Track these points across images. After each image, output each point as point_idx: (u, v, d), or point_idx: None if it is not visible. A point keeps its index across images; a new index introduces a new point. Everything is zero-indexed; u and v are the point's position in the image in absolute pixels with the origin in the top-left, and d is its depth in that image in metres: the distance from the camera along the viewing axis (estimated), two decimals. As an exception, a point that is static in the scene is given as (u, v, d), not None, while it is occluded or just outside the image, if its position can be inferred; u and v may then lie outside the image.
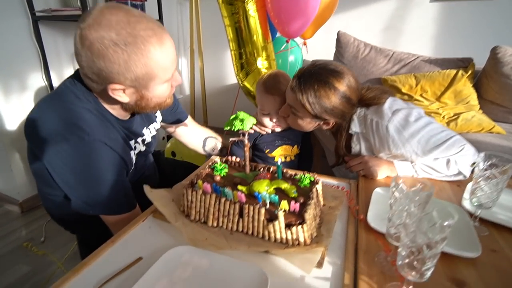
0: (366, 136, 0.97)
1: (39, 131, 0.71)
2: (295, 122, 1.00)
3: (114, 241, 0.67)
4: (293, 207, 0.65)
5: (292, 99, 0.95)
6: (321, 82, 0.89)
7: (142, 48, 0.65)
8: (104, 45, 0.63)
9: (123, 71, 0.66)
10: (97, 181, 0.75)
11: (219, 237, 0.67)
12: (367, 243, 0.66)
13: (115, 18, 0.63)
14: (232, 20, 1.47)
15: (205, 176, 0.80)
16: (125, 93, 0.72)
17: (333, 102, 0.89)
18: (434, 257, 0.45)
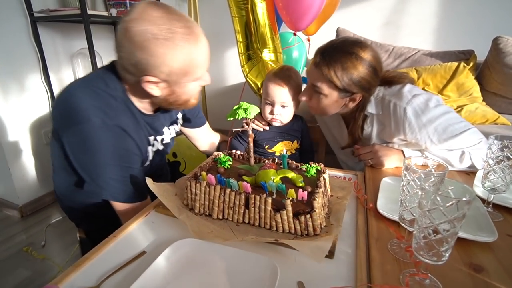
0: (381, 118, 0.94)
1: (63, 110, 0.76)
2: (318, 104, 0.95)
3: (116, 236, 0.65)
4: (301, 196, 0.63)
5: (316, 76, 0.91)
6: (347, 53, 0.86)
7: (180, 44, 0.70)
8: (146, 38, 0.67)
9: (160, 64, 0.70)
10: (112, 165, 0.77)
11: (225, 229, 0.65)
12: (378, 231, 0.64)
13: (157, 14, 0.68)
14: (239, 10, 1.45)
15: (209, 169, 0.78)
16: (157, 87, 0.76)
17: (360, 72, 0.86)
18: (452, 236, 0.43)
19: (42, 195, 1.85)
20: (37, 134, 1.79)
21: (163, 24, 0.68)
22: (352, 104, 0.94)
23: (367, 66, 0.86)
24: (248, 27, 1.48)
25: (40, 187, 1.84)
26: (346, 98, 0.92)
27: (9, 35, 1.58)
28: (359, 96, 0.92)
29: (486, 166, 0.67)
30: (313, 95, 0.95)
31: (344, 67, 0.85)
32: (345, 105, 0.95)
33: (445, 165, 0.52)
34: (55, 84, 1.82)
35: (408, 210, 0.54)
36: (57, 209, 1.84)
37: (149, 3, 0.70)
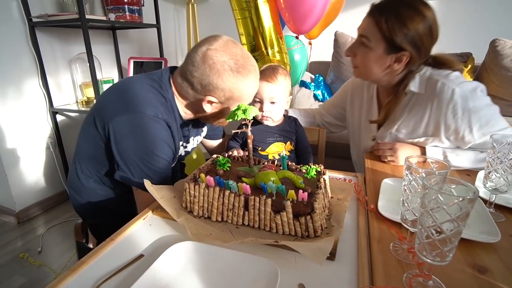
0: (421, 99, 0.90)
1: (121, 98, 0.84)
2: (363, 59, 0.90)
3: (114, 239, 0.64)
4: (301, 197, 0.62)
5: (366, 26, 0.87)
6: (406, 5, 0.82)
7: (245, 77, 0.85)
8: (224, 68, 0.82)
9: (226, 89, 0.84)
10: (151, 156, 0.83)
11: (225, 232, 0.64)
12: (380, 232, 0.63)
13: (235, 50, 0.83)
14: (242, 12, 1.45)
15: (208, 171, 0.77)
16: (211, 106, 0.89)
17: (416, 27, 0.81)
18: (456, 236, 0.42)
19: (39, 201, 1.83)
20: (35, 140, 1.78)
21: (238, 60, 0.83)
22: (397, 65, 0.87)
23: (425, 25, 0.81)
24: (253, 29, 1.48)
25: (37, 193, 1.83)
26: (392, 56, 0.86)
27: (7, 40, 1.58)
28: (406, 56, 0.85)
29: (487, 166, 0.67)
30: (359, 49, 0.91)
31: (398, 16, 0.80)
32: (390, 68, 0.88)
33: (448, 164, 0.51)
34: (53, 89, 1.81)
35: (410, 210, 0.53)
36: (54, 215, 1.82)
37: (230, 39, 0.85)
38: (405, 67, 0.88)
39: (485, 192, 0.71)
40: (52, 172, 1.89)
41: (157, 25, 2.15)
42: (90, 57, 1.57)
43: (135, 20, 1.90)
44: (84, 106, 1.85)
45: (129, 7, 1.84)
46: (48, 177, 1.87)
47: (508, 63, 1.58)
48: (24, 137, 1.72)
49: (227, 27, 2.77)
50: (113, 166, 0.89)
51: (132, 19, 1.88)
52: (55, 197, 1.91)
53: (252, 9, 1.43)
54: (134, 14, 1.88)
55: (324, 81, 2.34)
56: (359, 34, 0.90)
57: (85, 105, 1.86)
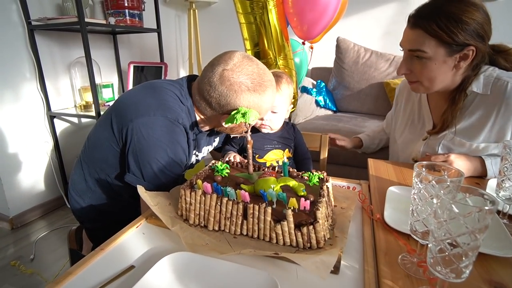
0: (486, 101, 0.82)
1: (141, 100, 0.85)
2: (423, 72, 0.83)
3: (104, 249, 0.60)
4: (303, 205, 0.58)
5: (415, 38, 0.80)
6: (451, 2, 0.76)
7: (263, 94, 0.84)
8: (241, 89, 0.81)
9: (243, 106, 0.83)
10: (166, 159, 0.83)
11: (221, 242, 0.60)
12: (387, 244, 0.59)
13: (251, 69, 0.82)
14: (247, 17, 1.40)
15: (205, 177, 0.74)
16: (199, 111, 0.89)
17: (474, 18, 0.75)
18: (473, 250, 0.39)
19: (34, 206, 1.80)
20: (31, 144, 1.75)
21: (254, 79, 0.82)
22: (464, 63, 0.80)
23: (479, 10, 0.76)
24: (258, 34, 1.44)
25: (33, 198, 1.79)
26: (456, 55, 0.79)
27: (6, 43, 1.56)
28: (472, 50, 0.78)
29: (500, 175, 0.63)
30: (414, 64, 0.84)
31: (450, 15, 0.75)
32: (456, 67, 0.81)
33: (461, 172, 0.48)
34: (52, 93, 1.79)
35: (420, 221, 0.49)
36: (49, 220, 1.78)
37: (244, 56, 0.84)
38: (471, 63, 0.82)
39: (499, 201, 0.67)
40: (48, 177, 1.85)
41: (158, 30, 2.14)
42: (88, 61, 1.55)
43: (136, 24, 1.89)
44: (82, 111, 1.83)
45: (129, 12, 1.83)
46: (44, 182, 1.84)
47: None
48: (21, 141, 1.69)
49: (228, 33, 2.78)
50: (124, 170, 0.87)
51: (133, 24, 1.87)
52: (51, 203, 1.87)
53: (258, 15, 1.38)
54: (134, 18, 1.87)
55: (326, 87, 2.32)
56: (409, 50, 0.84)
57: (84, 110, 1.84)
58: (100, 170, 0.93)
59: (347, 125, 1.86)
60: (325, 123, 1.93)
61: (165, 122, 0.82)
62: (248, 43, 1.47)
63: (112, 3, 1.79)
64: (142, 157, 0.82)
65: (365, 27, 2.31)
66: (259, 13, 1.37)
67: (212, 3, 2.74)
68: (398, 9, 2.20)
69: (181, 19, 2.82)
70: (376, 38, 2.29)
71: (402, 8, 2.18)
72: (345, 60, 2.15)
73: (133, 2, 1.83)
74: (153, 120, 0.81)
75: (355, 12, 2.30)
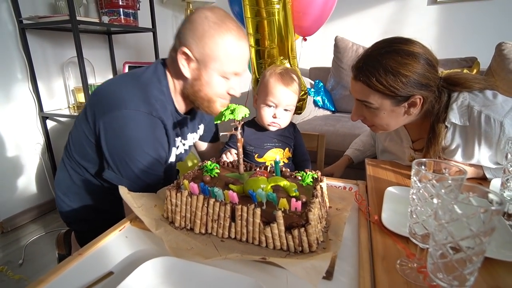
0: (467, 131, 0.80)
1: (115, 92, 0.80)
2: (374, 120, 0.83)
3: (82, 254, 0.56)
4: (294, 206, 0.54)
5: (358, 90, 0.79)
6: (388, 53, 0.73)
7: (222, 31, 0.78)
8: (199, 17, 0.79)
9: (198, 38, 0.79)
10: (142, 155, 0.79)
11: (208, 246, 0.57)
12: (384, 247, 0.55)
13: (219, 11, 0.81)
14: (259, 11, 1.27)
15: (194, 177, 0.70)
16: (189, 66, 0.82)
17: (413, 70, 0.73)
18: (478, 255, 0.35)
19: (26, 209, 1.75)
20: (23, 146, 1.71)
21: (218, 15, 0.79)
22: (414, 109, 0.79)
23: (419, 60, 0.73)
24: (270, 33, 1.31)
25: (24, 201, 1.75)
26: (403, 104, 0.78)
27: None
28: (419, 98, 0.77)
29: (504, 173, 0.59)
30: (365, 112, 0.83)
31: (387, 69, 0.72)
32: (407, 113, 0.80)
33: (464, 170, 0.44)
34: (44, 93, 1.76)
35: (419, 223, 0.46)
36: (40, 224, 1.74)
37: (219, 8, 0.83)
38: (422, 106, 0.80)
39: (502, 202, 0.64)
40: (40, 179, 1.81)
41: (153, 29, 2.11)
42: (81, 60, 1.52)
43: (130, 24, 1.86)
44: (75, 111, 1.79)
45: (124, 11, 1.80)
46: (36, 184, 1.80)
47: (516, 67, 1.52)
48: (11, 142, 1.65)
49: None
50: (103, 166, 0.84)
51: (127, 23, 1.84)
52: (42, 206, 1.83)
53: (272, 10, 1.27)
54: (129, 17, 1.84)
55: (324, 87, 2.29)
56: (357, 99, 0.82)
57: (77, 110, 1.80)
58: (81, 166, 0.90)
59: (346, 126, 1.82)
60: (323, 123, 1.90)
61: (138, 116, 0.77)
62: (252, 39, 1.39)
63: (106, 2, 1.76)
64: (117, 154, 0.79)
65: (364, 26, 2.29)
66: (274, 9, 1.27)
67: (209, 3, 2.71)
68: (396, 7, 2.17)
69: (178, 19, 2.80)
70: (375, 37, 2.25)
71: (400, 6, 2.15)
72: (343, 60, 2.12)
73: (127, 1, 1.80)
74: (125, 114, 0.76)
75: (354, 11, 2.27)
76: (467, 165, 0.83)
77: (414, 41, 0.77)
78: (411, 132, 0.93)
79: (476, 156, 0.80)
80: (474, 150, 0.80)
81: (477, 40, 1.95)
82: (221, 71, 0.82)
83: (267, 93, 0.96)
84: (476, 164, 0.83)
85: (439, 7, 2.04)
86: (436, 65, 0.78)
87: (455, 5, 1.99)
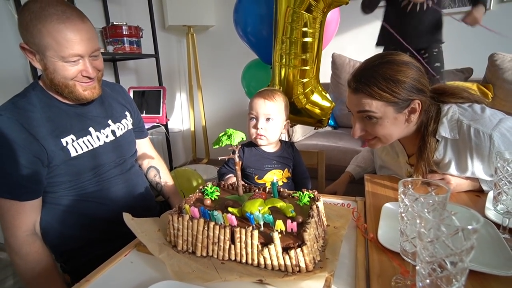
0: (458, 144, 0.83)
1: None
2: (377, 131, 0.84)
3: (89, 280, 0.59)
4: (290, 227, 0.57)
5: (361, 101, 0.81)
6: (383, 64, 0.78)
7: (42, 19, 0.75)
8: (23, 9, 0.77)
9: (26, 30, 0.77)
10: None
11: (209, 268, 0.59)
12: (380, 265, 0.57)
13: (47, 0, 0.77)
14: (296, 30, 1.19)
15: (195, 201, 0.73)
16: (35, 59, 0.80)
17: (409, 75, 0.77)
18: (461, 273, 0.37)
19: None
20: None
21: (42, 5, 0.76)
22: (414, 116, 0.82)
23: (411, 67, 0.78)
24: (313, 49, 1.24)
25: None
26: (404, 111, 0.81)
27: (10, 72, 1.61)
28: (417, 103, 0.80)
29: (495, 186, 0.61)
30: (367, 125, 0.85)
31: (386, 77, 0.77)
32: (407, 121, 0.83)
33: (447, 188, 0.46)
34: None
35: (409, 241, 0.47)
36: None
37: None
38: (421, 113, 0.83)
39: (497, 215, 0.65)
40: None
41: (156, 55, 2.20)
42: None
43: (134, 51, 1.94)
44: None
45: (128, 39, 1.89)
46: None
47: (510, 76, 1.54)
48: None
49: (226, 55, 2.84)
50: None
51: (131, 51, 1.93)
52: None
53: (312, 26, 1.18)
54: (133, 45, 1.93)
55: (324, 103, 2.32)
56: (358, 111, 0.84)
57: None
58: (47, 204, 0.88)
59: (347, 141, 1.84)
60: (325, 139, 1.92)
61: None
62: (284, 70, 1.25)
63: (111, 33, 1.86)
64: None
65: (359, 42, 2.34)
66: (314, 27, 1.18)
67: (209, 27, 2.82)
68: (391, 23, 2.22)
69: (180, 43, 2.91)
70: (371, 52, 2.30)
71: (395, 22, 2.20)
72: (341, 76, 2.16)
73: (131, 31, 1.89)
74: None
75: (349, 28, 2.34)
76: (463, 178, 0.85)
77: (401, 53, 0.82)
78: (406, 147, 0.95)
79: (470, 169, 0.81)
80: (468, 163, 0.81)
81: (472, 51, 1.98)
82: (59, 57, 0.78)
83: (249, 108, 1.02)
84: (472, 176, 0.84)
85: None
86: (424, 73, 0.82)
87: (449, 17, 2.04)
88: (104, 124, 0.95)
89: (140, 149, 1.13)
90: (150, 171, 1.15)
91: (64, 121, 0.86)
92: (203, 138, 2.90)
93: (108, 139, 0.95)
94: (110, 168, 0.94)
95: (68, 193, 0.87)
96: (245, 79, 1.67)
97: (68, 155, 0.85)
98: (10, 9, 1.59)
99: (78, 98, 0.85)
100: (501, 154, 0.60)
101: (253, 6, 1.38)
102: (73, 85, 0.83)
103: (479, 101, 0.86)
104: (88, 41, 0.81)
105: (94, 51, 0.83)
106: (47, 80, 0.83)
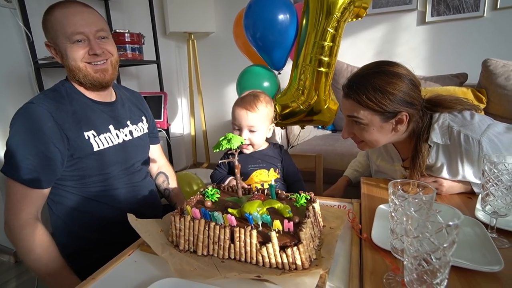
0: (449, 149, 0.85)
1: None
2: (363, 136, 0.87)
3: (95, 278, 0.61)
4: (287, 227, 0.59)
5: (349, 107, 0.85)
6: (377, 73, 0.80)
7: (49, 10, 0.86)
8: (44, 16, 0.87)
9: (44, 29, 0.87)
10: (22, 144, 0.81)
11: (209, 267, 0.61)
12: (373, 263, 0.59)
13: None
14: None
15: (196, 202, 0.76)
16: (55, 52, 0.89)
17: (399, 88, 0.79)
18: (444, 267, 0.39)
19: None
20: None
21: (52, 6, 0.87)
22: (401, 126, 0.84)
23: (403, 80, 0.80)
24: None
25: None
26: (391, 120, 0.83)
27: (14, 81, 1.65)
28: (405, 115, 0.82)
29: (482, 188, 0.64)
30: (354, 128, 0.88)
31: (376, 88, 0.79)
32: (394, 130, 0.86)
33: (433, 188, 0.49)
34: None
35: (398, 238, 0.50)
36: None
37: None
38: (409, 124, 0.86)
39: (486, 216, 0.67)
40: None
41: (157, 61, 2.24)
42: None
43: (136, 58, 1.98)
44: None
45: (130, 46, 1.93)
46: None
47: (503, 81, 1.57)
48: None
49: (226, 61, 2.88)
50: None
51: (133, 57, 1.97)
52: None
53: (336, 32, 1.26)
54: (135, 52, 1.97)
55: (323, 107, 2.36)
56: (348, 116, 0.88)
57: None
58: (58, 202, 0.94)
59: (345, 145, 1.87)
60: (323, 143, 1.95)
61: (20, 110, 0.84)
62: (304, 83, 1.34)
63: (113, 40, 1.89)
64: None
65: (358, 48, 2.38)
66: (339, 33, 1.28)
67: (209, 33, 2.87)
68: (389, 28, 2.27)
69: (181, 49, 2.95)
70: (369, 57, 2.36)
71: (392, 27, 2.25)
72: (339, 81, 2.20)
73: (133, 37, 1.93)
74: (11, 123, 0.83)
75: (347, 34, 2.38)
76: (456, 181, 0.87)
77: (398, 64, 0.84)
78: (401, 151, 0.98)
79: (461, 172, 0.84)
80: (458, 167, 0.84)
81: (467, 57, 2.02)
82: (66, 38, 0.85)
83: (232, 117, 1.02)
84: (463, 180, 0.87)
85: (428, 27, 2.13)
86: (419, 86, 0.84)
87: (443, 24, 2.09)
88: (123, 124, 0.99)
89: (151, 154, 1.16)
90: (159, 177, 1.18)
91: (87, 115, 0.91)
92: (204, 142, 2.93)
93: (127, 138, 0.99)
94: (121, 169, 0.96)
95: (95, 186, 0.91)
96: (240, 85, 1.68)
97: (91, 149, 0.89)
98: (17, 20, 1.64)
99: (91, 81, 0.90)
100: (488, 157, 0.63)
101: (263, 11, 1.44)
102: (84, 68, 0.88)
103: (471, 107, 0.89)
104: (90, 20, 0.87)
105: (98, 30, 0.88)
106: (67, 72, 0.90)
